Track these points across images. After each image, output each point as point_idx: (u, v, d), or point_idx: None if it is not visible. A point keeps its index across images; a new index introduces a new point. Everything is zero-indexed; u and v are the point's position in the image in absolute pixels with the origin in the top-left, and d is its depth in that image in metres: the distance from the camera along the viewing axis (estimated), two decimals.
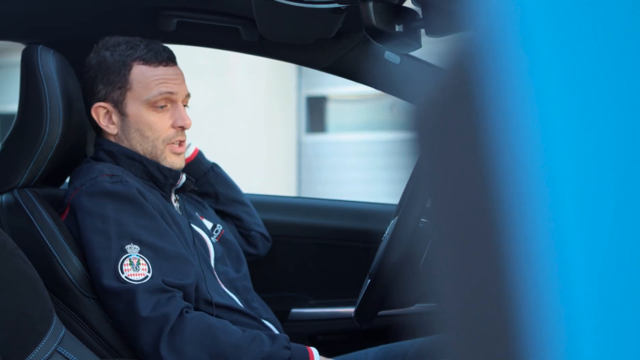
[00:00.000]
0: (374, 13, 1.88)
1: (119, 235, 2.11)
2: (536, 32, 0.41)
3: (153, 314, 2.04)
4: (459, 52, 0.47)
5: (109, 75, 2.31)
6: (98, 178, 2.18)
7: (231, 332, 2.09)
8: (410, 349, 2.36)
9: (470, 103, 0.44)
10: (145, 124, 2.30)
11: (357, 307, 2.20)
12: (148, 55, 2.30)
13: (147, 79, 2.30)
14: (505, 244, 0.43)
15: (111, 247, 2.10)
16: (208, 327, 2.07)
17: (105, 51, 2.33)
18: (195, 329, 2.05)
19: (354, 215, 2.96)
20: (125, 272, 2.07)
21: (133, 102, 2.30)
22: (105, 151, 2.32)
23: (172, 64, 2.34)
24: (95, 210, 2.14)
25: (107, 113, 2.33)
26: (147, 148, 2.31)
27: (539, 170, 0.41)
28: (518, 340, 0.42)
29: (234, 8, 2.48)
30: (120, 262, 2.08)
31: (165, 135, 2.31)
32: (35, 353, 1.81)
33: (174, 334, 2.03)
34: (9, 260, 1.85)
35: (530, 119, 0.41)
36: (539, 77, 0.41)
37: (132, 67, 2.30)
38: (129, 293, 2.06)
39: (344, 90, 11.14)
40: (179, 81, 2.34)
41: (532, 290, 0.42)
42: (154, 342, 2.04)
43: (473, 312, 0.49)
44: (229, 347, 2.06)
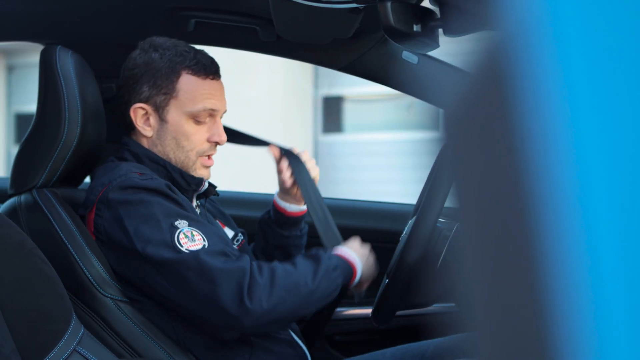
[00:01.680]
0: (392, 13, 1.88)
1: (165, 215, 2.12)
2: (568, 30, 0.41)
3: (227, 265, 2.08)
4: (489, 51, 0.47)
5: (156, 78, 2.28)
6: (128, 174, 2.18)
7: (289, 268, 2.18)
8: (428, 349, 2.35)
9: (503, 102, 0.44)
10: (182, 134, 2.29)
11: (374, 307, 2.20)
12: (197, 66, 2.29)
13: (194, 91, 2.28)
14: (539, 245, 0.42)
15: (162, 227, 2.10)
16: (273, 272, 2.13)
17: (154, 52, 2.30)
18: (265, 277, 2.10)
19: (372, 215, 2.96)
20: (184, 245, 2.08)
21: (175, 110, 2.28)
22: (130, 152, 2.31)
23: (218, 77, 2.33)
24: (133, 199, 2.14)
25: (145, 115, 2.30)
26: (180, 157, 2.30)
27: (572, 170, 0.41)
28: (551, 342, 0.42)
29: (251, 8, 2.48)
30: (176, 236, 2.09)
31: (200, 148, 2.30)
32: (54, 352, 1.82)
33: (252, 285, 2.07)
34: (28, 260, 1.86)
35: (562, 118, 0.41)
36: (571, 76, 0.41)
37: (181, 75, 2.28)
38: (194, 259, 2.07)
39: (361, 90, 11.13)
40: (221, 97, 2.34)
41: (565, 290, 0.41)
42: (238, 294, 2.06)
43: (504, 313, 0.49)
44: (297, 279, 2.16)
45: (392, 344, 2.46)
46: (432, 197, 2.06)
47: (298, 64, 10.09)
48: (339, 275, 2.22)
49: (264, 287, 2.07)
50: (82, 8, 2.53)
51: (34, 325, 1.81)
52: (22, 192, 2.26)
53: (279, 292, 2.09)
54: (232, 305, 2.05)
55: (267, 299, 2.06)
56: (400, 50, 2.50)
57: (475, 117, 0.49)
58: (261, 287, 2.07)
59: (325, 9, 2.12)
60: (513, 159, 0.44)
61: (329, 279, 2.19)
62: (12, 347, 1.75)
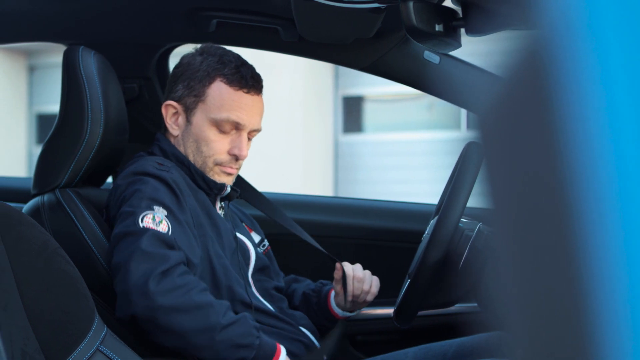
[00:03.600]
0: (414, 12, 1.88)
1: (151, 198, 2.12)
2: (606, 29, 0.40)
3: (152, 250, 2.01)
4: (525, 51, 0.47)
5: (191, 80, 2.33)
6: (147, 163, 2.21)
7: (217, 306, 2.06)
8: (450, 349, 2.35)
9: (541, 103, 0.44)
10: (203, 139, 2.31)
11: (396, 307, 2.20)
12: (234, 76, 2.30)
13: (222, 100, 2.30)
14: (579, 248, 0.42)
15: (141, 206, 2.10)
16: (196, 283, 2.04)
17: (199, 56, 2.35)
18: (186, 281, 2.01)
19: (393, 215, 2.96)
20: (145, 223, 2.06)
21: (201, 114, 2.31)
22: (160, 148, 2.35)
23: (253, 92, 2.33)
24: (137, 180, 2.17)
25: (175, 113, 2.35)
26: (198, 161, 2.32)
27: (612, 170, 0.40)
28: (592, 344, 0.42)
29: (273, 8, 2.48)
30: (143, 215, 2.07)
31: (218, 157, 2.31)
32: (78, 352, 1.82)
33: (165, 275, 1.99)
34: (52, 259, 1.87)
35: (602, 118, 0.41)
36: (610, 75, 0.40)
37: (214, 81, 2.30)
38: (141, 232, 2.04)
39: (381, 90, 11.13)
40: (252, 113, 2.33)
41: (604, 292, 0.41)
42: (144, 274, 1.98)
43: (541, 315, 0.48)
44: (209, 306, 2.03)
45: (413, 344, 2.46)
46: (454, 196, 2.06)
47: (319, 64, 10.12)
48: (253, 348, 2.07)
49: (179, 287, 1.99)
50: (104, 8, 2.55)
51: (58, 324, 1.82)
52: (45, 192, 2.27)
53: (190, 301, 2.00)
54: (135, 281, 1.98)
55: (168, 300, 1.98)
56: (421, 50, 2.50)
57: (512, 117, 0.49)
58: (176, 284, 1.99)
59: (347, 9, 2.12)
60: (552, 160, 0.43)
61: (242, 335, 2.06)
62: (36, 347, 1.76)
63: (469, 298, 2.21)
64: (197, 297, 2.01)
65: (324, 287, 2.56)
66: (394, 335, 2.80)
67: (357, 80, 11.12)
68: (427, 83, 2.56)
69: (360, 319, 2.81)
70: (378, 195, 3.61)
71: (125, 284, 2.00)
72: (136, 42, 2.69)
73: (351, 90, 11.54)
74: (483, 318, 2.28)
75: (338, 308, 2.51)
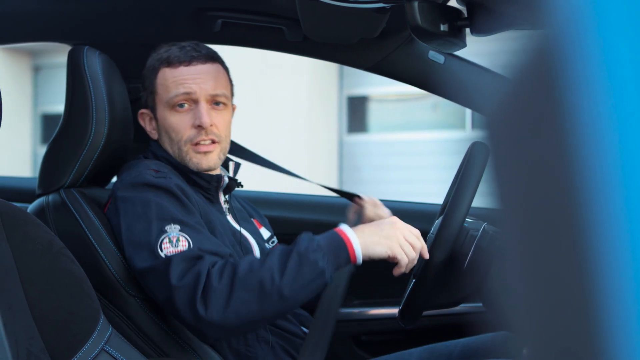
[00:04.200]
0: (419, 12, 1.88)
1: (159, 218, 2.09)
2: (615, 28, 0.40)
3: (182, 281, 2.00)
4: (534, 50, 0.46)
5: (145, 81, 2.37)
6: (143, 172, 2.19)
7: (254, 263, 2.02)
8: (455, 349, 2.35)
9: (551, 102, 0.44)
10: (169, 126, 2.30)
11: (401, 307, 2.19)
12: (170, 58, 2.30)
13: (166, 81, 2.30)
14: (588, 248, 0.42)
15: (152, 230, 2.08)
16: (234, 273, 1.99)
17: (149, 59, 2.37)
18: (223, 282, 1.98)
19: (398, 215, 2.94)
20: (165, 250, 2.05)
21: (159, 105, 2.32)
22: (152, 153, 2.34)
23: (196, 62, 2.30)
24: (136, 197, 2.14)
25: (150, 119, 2.37)
26: (175, 151, 2.30)
27: (622, 169, 0.40)
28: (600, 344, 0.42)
29: (278, 8, 2.48)
30: (160, 241, 2.06)
31: (186, 135, 2.28)
32: (83, 352, 1.83)
33: (207, 292, 1.98)
34: (57, 259, 1.87)
35: (612, 117, 0.41)
36: (620, 74, 0.40)
37: (159, 71, 2.32)
38: (164, 264, 2.03)
39: (385, 90, 11.13)
40: (200, 80, 2.29)
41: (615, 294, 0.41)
42: (189, 306, 1.98)
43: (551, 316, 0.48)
44: (262, 275, 1.98)
45: (418, 344, 2.46)
46: (459, 196, 2.06)
47: (323, 63, 10.12)
48: (321, 257, 1.99)
49: (221, 293, 1.97)
50: (109, 8, 2.55)
51: (63, 324, 1.82)
52: (49, 192, 2.27)
53: (240, 294, 1.96)
54: (187, 316, 1.99)
55: (224, 306, 1.96)
56: (426, 50, 2.50)
57: (520, 118, 0.49)
58: (218, 293, 1.97)
59: (352, 8, 2.12)
60: (561, 160, 0.43)
61: (303, 264, 1.98)
62: (41, 347, 1.76)
63: (474, 298, 2.21)
64: (240, 284, 1.98)
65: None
66: (399, 335, 2.80)
67: (362, 80, 11.12)
68: (432, 83, 2.56)
69: (365, 319, 2.81)
70: (382, 195, 3.61)
71: (182, 320, 2.03)
72: (141, 42, 2.69)
73: (356, 90, 11.53)
74: (488, 318, 2.28)
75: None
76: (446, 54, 2.49)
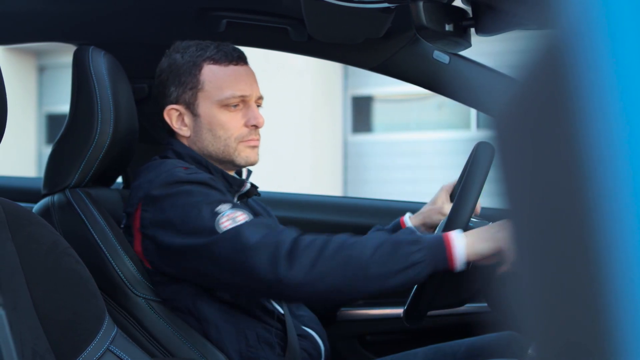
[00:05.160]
0: (423, 12, 1.88)
1: (207, 202, 2.08)
2: (624, 28, 0.40)
3: (264, 239, 2.00)
4: (543, 50, 0.46)
5: (180, 76, 2.30)
6: (173, 170, 2.17)
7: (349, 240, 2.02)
8: (460, 349, 2.35)
9: (560, 101, 0.43)
10: (217, 124, 2.28)
11: (406, 307, 2.19)
12: (218, 54, 2.29)
13: (219, 79, 2.28)
14: (597, 248, 0.42)
15: (203, 215, 2.06)
16: (326, 240, 2.00)
17: (175, 54, 2.32)
18: (313, 243, 1.99)
19: (402, 215, 2.95)
20: (223, 226, 2.04)
21: (205, 102, 2.29)
22: (174, 152, 2.31)
23: (242, 63, 2.33)
24: (176, 191, 2.12)
25: (179, 115, 2.32)
26: (220, 148, 2.29)
27: (630, 171, 0.40)
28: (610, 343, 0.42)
29: (283, 8, 2.48)
30: (217, 221, 2.05)
31: (237, 133, 2.29)
32: (88, 351, 1.83)
33: (293, 252, 1.98)
34: (62, 259, 1.87)
35: (621, 117, 0.41)
36: (629, 75, 0.40)
37: (203, 67, 2.29)
38: (234, 232, 2.02)
39: (390, 90, 11.12)
40: (250, 82, 2.32)
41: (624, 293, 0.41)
42: (272, 263, 1.97)
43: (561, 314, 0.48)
44: (354, 250, 1.98)
45: (423, 344, 2.46)
46: (464, 196, 2.06)
47: (327, 64, 10.12)
48: (417, 251, 1.96)
49: (307, 257, 1.96)
50: (114, 8, 2.55)
51: (68, 324, 1.82)
52: (55, 192, 2.28)
53: (326, 263, 1.96)
54: (267, 274, 1.97)
55: (308, 269, 1.95)
56: (431, 50, 2.50)
57: (528, 118, 0.49)
58: (304, 257, 1.96)
59: (357, 8, 2.12)
60: (570, 160, 0.43)
61: (397, 253, 1.96)
62: (46, 346, 1.76)
63: (479, 298, 2.20)
64: (329, 255, 1.97)
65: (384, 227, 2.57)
66: (404, 335, 2.80)
67: (367, 80, 11.11)
68: (437, 83, 2.56)
69: (370, 319, 2.81)
70: (387, 195, 3.60)
71: (259, 279, 2.00)
72: (146, 42, 2.69)
73: (360, 90, 11.53)
74: (493, 318, 2.27)
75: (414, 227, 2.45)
76: (451, 54, 2.49)
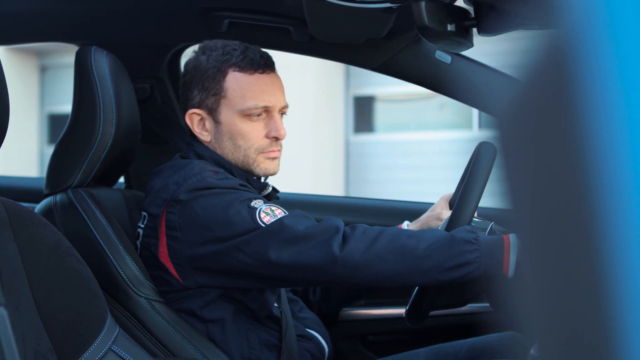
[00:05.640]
0: (426, 12, 1.88)
1: (240, 200, 2.08)
2: (628, 29, 0.40)
3: (311, 229, 2.01)
4: (546, 50, 0.46)
5: (204, 81, 2.25)
6: (204, 173, 2.15)
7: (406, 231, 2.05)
8: (461, 349, 2.35)
9: (563, 101, 0.43)
10: (238, 133, 2.24)
11: (408, 307, 2.19)
12: (244, 62, 2.23)
13: (242, 88, 2.23)
14: (601, 247, 0.42)
15: (241, 212, 2.06)
16: (386, 236, 2.01)
17: (202, 55, 2.27)
18: (369, 232, 2.01)
19: (405, 215, 2.95)
20: (265, 220, 2.04)
21: (227, 110, 2.24)
22: (196, 153, 2.28)
23: (268, 71, 2.27)
24: (210, 193, 2.10)
25: (201, 120, 2.27)
26: (239, 157, 2.25)
27: (633, 171, 0.40)
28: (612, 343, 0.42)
29: (285, 8, 2.48)
30: (257, 215, 2.04)
31: (258, 144, 2.25)
32: (90, 351, 1.83)
33: (345, 236, 1.99)
34: (64, 259, 1.87)
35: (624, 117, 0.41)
36: (633, 75, 0.40)
37: (227, 73, 2.23)
38: (277, 224, 2.02)
39: (392, 90, 11.12)
40: (275, 91, 2.27)
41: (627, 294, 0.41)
42: (327, 245, 1.98)
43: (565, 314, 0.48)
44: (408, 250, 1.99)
45: (425, 344, 2.46)
46: (466, 196, 2.06)
47: (330, 63, 10.12)
48: (471, 251, 1.96)
49: (362, 242, 1.98)
50: (116, 8, 2.55)
51: (70, 324, 1.82)
52: (57, 192, 2.28)
53: (379, 250, 1.97)
54: (322, 258, 1.98)
55: (363, 252, 1.96)
56: (433, 50, 2.50)
57: (532, 118, 0.49)
58: (358, 241, 1.98)
59: (359, 8, 2.12)
60: (574, 160, 0.43)
61: (451, 250, 1.96)
62: (48, 346, 1.76)
63: (481, 298, 2.20)
64: (383, 242, 1.99)
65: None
66: (406, 335, 2.80)
67: (368, 80, 11.11)
68: (439, 83, 2.56)
69: (372, 319, 2.81)
70: (389, 195, 3.60)
71: (314, 260, 2.01)
72: (148, 42, 2.69)
73: (362, 90, 11.53)
74: (495, 318, 2.27)
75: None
76: (453, 54, 2.49)
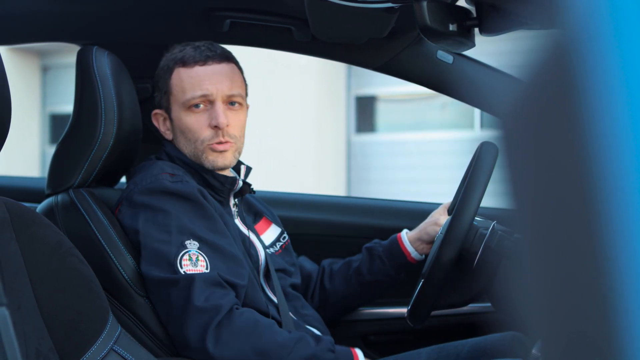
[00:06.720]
0: (427, 12, 1.87)
1: (179, 231, 2.12)
2: (632, 29, 0.40)
3: (206, 304, 2.04)
4: (550, 50, 0.46)
5: (158, 81, 2.38)
6: (159, 176, 2.20)
7: (277, 332, 2.10)
8: (463, 349, 2.35)
9: (568, 101, 0.43)
10: (185, 127, 2.31)
11: (410, 307, 2.19)
12: (185, 57, 2.31)
13: (182, 82, 2.31)
14: (605, 247, 0.42)
15: (171, 242, 2.10)
16: (255, 324, 2.07)
17: (162, 59, 2.38)
18: (242, 324, 2.05)
19: (406, 215, 2.95)
20: (185, 267, 2.07)
21: (175, 106, 2.33)
22: (167, 154, 2.35)
23: (211, 62, 2.32)
24: (157, 204, 2.16)
25: (164, 119, 2.38)
26: (192, 152, 2.31)
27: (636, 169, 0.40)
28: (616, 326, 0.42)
29: (286, 8, 2.48)
30: (180, 256, 2.08)
31: (203, 136, 2.29)
32: (92, 351, 1.83)
33: (221, 327, 2.03)
34: (66, 259, 1.87)
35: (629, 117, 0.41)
36: (635, 75, 0.40)
37: (173, 71, 2.32)
38: (186, 281, 2.06)
39: (394, 90, 11.12)
40: (215, 80, 2.30)
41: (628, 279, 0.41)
42: (201, 332, 2.03)
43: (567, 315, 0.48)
44: (274, 346, 2.06)
45: (427, 344, 2.46)
46: (468, 196, 2.06)
47: (330, 63, 10.12)
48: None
49: (234, 334, 2.04)
50: (118, 8, 2.55)
51: (72, 324, 1.82)
52: (59, 192, 2.28)
53: (243, 345, 2.05)
54: (194, 339, 2.05)
55: (228, 348, 2.03)
56: (435, 50, 2.50)
57: (535, 117, 0.49)
58: (231, 332, 2.04)
59: (361, 8, 2.12)
60: (578, 160, 0.43)
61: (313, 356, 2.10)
62: (50, 346, 1.76)
63: (483, 298, 2.20)
64: (258, 342, 2.05)
65: (381, 242, 2.60)
66: (407, 335, 2.80)
67: (370, 80, 11.11)
68: (441, 83, 2.56)
69: (374, 319, 2.81)
70: (391, 195, 3.60)
71: (183, 338, 2.06)
72: (150, 42, 2.69)
73: (364, 90, 11.53)
74: (497, 318, 2.27)
75: (412, 247, 2.51)
76: (455, 53, 2.49)
